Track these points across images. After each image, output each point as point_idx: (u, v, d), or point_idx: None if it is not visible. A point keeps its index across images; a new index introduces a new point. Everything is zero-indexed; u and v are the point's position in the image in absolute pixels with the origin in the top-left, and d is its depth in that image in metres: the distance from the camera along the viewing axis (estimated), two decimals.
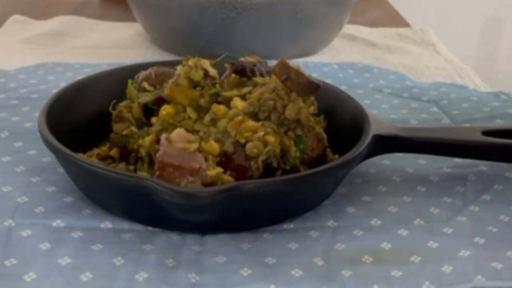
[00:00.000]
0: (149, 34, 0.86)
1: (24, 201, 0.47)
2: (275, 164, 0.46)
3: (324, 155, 0.50)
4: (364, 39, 0.91)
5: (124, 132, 0.49)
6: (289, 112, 0.48)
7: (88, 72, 0.69)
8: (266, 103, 0.47)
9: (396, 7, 1.12)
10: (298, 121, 0.48)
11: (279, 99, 0.48)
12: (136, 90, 0.51)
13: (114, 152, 0.49)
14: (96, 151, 0.50)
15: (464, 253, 0.43)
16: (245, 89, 0.49)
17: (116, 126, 0.50)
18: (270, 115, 0.48)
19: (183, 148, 0.42)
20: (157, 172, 0.42)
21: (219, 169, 0.43)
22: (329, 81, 0.64)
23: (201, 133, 0.46)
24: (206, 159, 0.43)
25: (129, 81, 0.52)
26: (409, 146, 0.52)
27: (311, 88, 0.50)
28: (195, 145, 0.42)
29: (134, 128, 0.49)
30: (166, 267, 0.41)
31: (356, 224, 0.46)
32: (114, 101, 0.51)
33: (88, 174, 0.44)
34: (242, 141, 0.45)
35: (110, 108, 0.51)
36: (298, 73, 0.49)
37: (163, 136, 0.43)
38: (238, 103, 0.47)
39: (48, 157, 0.52)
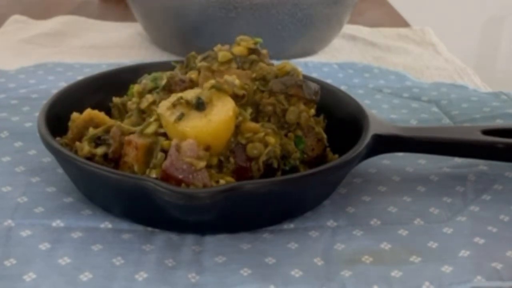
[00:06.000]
0: (149, 34, 0.86)
1: (24, 201, 0.47)
2: (275, 165, 0.46)
3: (324, 155, 0.50)
4: (364, 39, 0.91)
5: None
6: (290, 117, 0.48)
7: (88, 72, 0.69)
8: (265, 109, 0.48)
9: (396, 7, 1.12)
10: (298, 123, 0.48)
11: (278, 104, 0.48)
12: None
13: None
14: None
15: (464, 253, 0.43)
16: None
17: None
18: (270, 118, 0.48)
19: (191, 163, 0.42)
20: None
21: (222, 182, 0.43)
22: (329, 81, 0.64)
23: None
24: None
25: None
26: (409, 146, 0.52)
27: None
28: (203, 163, 0.42)
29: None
30: (166, 267, 0.41)
31: (356, 224, 0.46)
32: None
33: (88, 174, 0.44)
34: (243, 141, 0.45)
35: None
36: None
37: (174, 143, 0.42)
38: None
39: (48, 157, 0.52)
